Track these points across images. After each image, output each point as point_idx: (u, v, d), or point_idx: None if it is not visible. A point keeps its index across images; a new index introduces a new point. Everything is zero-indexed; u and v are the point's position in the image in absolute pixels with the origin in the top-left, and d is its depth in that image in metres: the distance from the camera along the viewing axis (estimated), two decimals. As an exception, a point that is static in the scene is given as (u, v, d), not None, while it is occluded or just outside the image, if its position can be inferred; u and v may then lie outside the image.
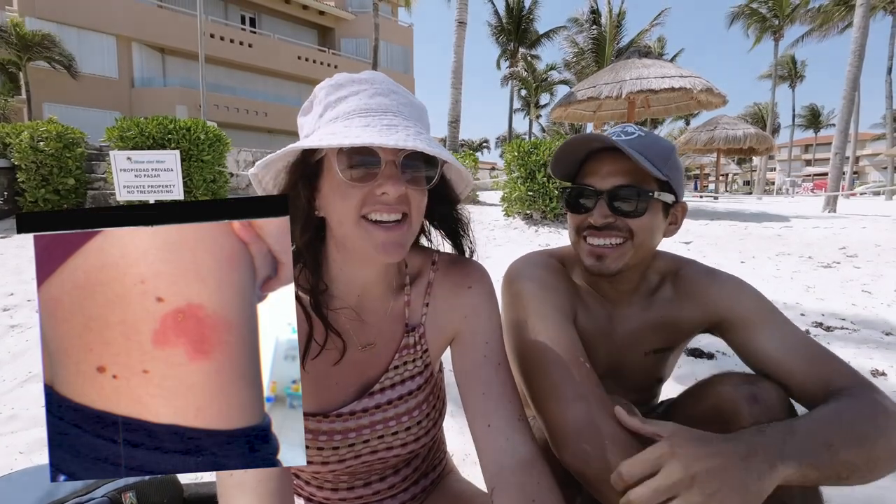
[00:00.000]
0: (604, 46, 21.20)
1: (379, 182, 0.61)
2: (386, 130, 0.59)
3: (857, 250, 5.52)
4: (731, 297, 0.89)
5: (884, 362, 2.27)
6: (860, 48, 10.35)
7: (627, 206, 0.83)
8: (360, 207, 0.62)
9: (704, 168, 27.03)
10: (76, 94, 18.07)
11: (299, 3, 24.63)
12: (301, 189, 0.66)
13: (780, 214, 9.89)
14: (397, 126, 0.61)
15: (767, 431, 0.63)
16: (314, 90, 0.68)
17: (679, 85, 9.25)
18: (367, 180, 0.61)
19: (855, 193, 19.31)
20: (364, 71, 0.69)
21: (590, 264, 0.86)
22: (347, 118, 0.62)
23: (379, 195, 0.62)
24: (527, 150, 7.57)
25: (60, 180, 7.99)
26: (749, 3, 28.94)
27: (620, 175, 0.83)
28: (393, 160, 0.62)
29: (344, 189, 0.62)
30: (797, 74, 39.92)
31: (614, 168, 0.83)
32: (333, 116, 0.63)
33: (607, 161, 0.85)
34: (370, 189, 0.62)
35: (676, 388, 1.69)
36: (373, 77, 0.67)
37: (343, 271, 0.71)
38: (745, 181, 45.22)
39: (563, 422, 0.73)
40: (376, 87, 0.65)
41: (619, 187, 0.83)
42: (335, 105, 0.64)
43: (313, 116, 0.67)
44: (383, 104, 0.64)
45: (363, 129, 0.59)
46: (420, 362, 0.78)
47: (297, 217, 0.67)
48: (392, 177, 0.61)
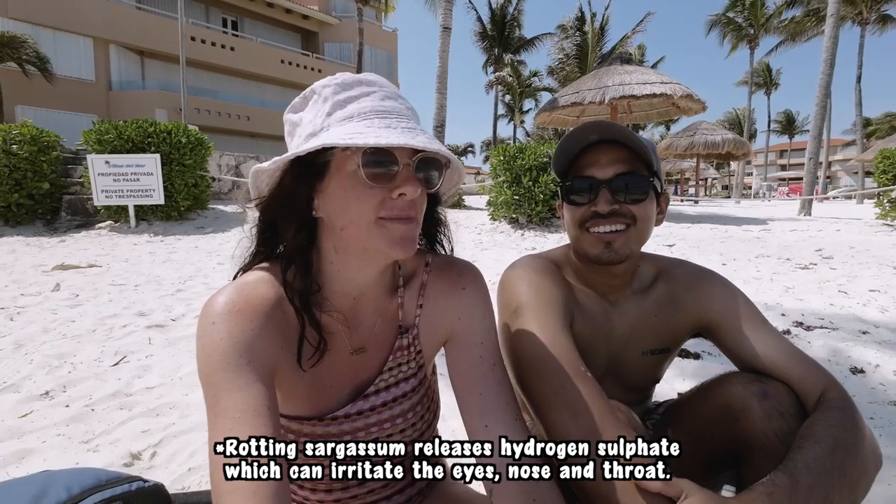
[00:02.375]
0: (587, 53, 21.56)
1: (397, 184, 0.61)
2: (409, 133, 0.59)
3: (833, 252, 5.68)
4: (722, 298, 0.91)
5: (862, 360, 2.34)
6: (831, 57, 10.73)
7: (630, 192, 0.85)
8: (377, 209, 0.61)
9: (685, 173, 27.61)
10: (51, 97, 17.57)
11: (282, 7, 24.46)
12: (300, 188, 0.64)
13: (759, 218, 10.14)
14: (414, 129, 0.61)
15: (775, 494, 0.63)
16: (314, 87, 0.67)
17: (660, 91, 9.46)
18: (384, 181, 0.61)
19: (829, 197, 19.93)
20: (365, 73, 0.68)
21: (598, 253, 0.87)
22: (365, 118, 0.61)
23: (395, 197, 0.61)
24: (512, 154, 7.63)
25: (35, 185, 7.75)
26: (725, 13, 29.80)
27: (621, 163, 0.86)
28: (409, 163, 0.61)
29: (361, 190, 0.61)
30: (772, 82, 41.15)
31: (613, 157, 0.86)
32: (346, 116, 0.62)
33: (604, 152, 0.87)
34: (388, 190, 0.61)
35: (664, 388, 1.72)
36: (379, 80, 0.67)
37: (340, 273, 0.70)
38: (723, 185, 46.31)
39: (563, 434, 0.73)
40: (385, 91, 0.65)
41: (621, 174, 0.85)
42: (345, 104, 0.63)
43: (319, 114, 0.64)
44: (395, 107, 0.64)
45: (386, 129, 0.59)
46: (414, 364, 0.78)
47: (293, 218, 0.65)
48: (409, 179, 0.61)
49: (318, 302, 0.70)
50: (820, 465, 0.66)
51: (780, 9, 26.40)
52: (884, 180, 8.07)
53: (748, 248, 6.04)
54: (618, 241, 0.86)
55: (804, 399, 0.78)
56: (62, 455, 1.55)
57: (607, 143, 0.87)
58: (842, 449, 0.68)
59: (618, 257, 0.86)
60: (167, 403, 1.92)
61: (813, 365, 0.81)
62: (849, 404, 0.75)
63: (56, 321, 2.99)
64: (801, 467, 0.66)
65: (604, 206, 0.85)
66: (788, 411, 0.75)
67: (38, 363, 2.29)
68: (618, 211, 0.85)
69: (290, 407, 0.73)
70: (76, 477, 0.76)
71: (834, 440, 0.69)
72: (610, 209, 0.85)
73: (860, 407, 1.84)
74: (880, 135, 38.43)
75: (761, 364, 0.83)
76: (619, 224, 0.86)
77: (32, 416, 1.81)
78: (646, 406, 1.09)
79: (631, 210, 0.86)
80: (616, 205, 0.85)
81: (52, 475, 0.76)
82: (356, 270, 0.70)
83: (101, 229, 7.69)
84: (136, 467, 1.50)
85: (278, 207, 0.66)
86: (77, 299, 3.57)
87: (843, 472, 0.67)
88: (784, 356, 0.82)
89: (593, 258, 0.88)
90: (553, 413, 0.75)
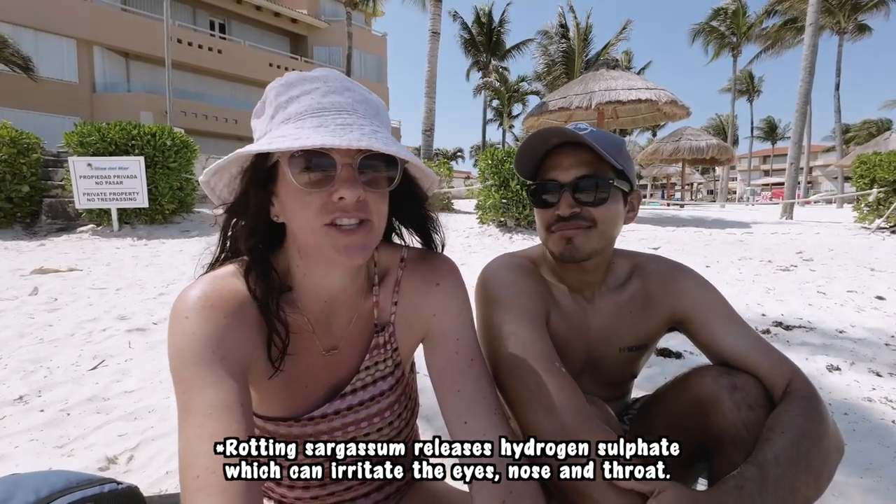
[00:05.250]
0: (573, 59, 21.82)
1: (336, 186, 0.57)
2: (340, 130, 0.56)
3: (813, 254, 5.81)
4: (695, 292, 0.93)
5: (838, 358, 2.39)
6: (810, 65, 10.99)
7: (590, 196, 0.86)
8: (320, 214, 0.58)
9: (671, 178, 28.01)
10: (32, 99, 17.24)
11: (271, 11, 24.35)
12: (252, 196, 0.63)
13: (742, 221, 10.32)
14: (352, 125, 0.57)
15: (746, 487, 0.65)
16: (265, 90, 0.65)
17: (646, 97, 9.60)
18: (323, 185, 0.58)
19: (810, 202, 20.35)
20: (316, 69, 0.65)
21: (560, 250, 0.88)
22: (299, 119, 0.59)
23: (336, 200, 0.58)
24: (500, 158, 7.68)
25: (14, 187, 7.59)
26: (709, 22, 30.42)
27: (581, 166, 0.86)
28: (349, 162, 0.58)
29: (301, 196, 0.58)
30: (755, 89, 42.04)
31: (574, 160, 0.87)
32: (285, 118, 0.60)
33: (567, 155, 0.88)
34: (328, 194, 0.58)
35: (646, 387, 1.74)
36: (326, 75, 0.63)
37: (307, 277, 0.68)
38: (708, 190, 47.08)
39: (538, 432, 0.73)
40: (329, 85, 0.61)
41: (581, 178, 0.86)
42: (286, 105, 0.61)
43: (265, 119, 0.63)
44: (337, 102, 0.60)
45: (315, 130, 0.56)
46: (391, 362, 0.77)
47: (249, 223, 0.65)
48: (348, 180, 0.57)
49: (290, 300, 0.69)
50: (787, 455, 0.68)
51: (761, 18, 27.04)
52: (861, 184, 8.28)
53: (731, 251, 6.14)
54: (577, 238, 0.87)
55: (772, 390, 0.80)
56: (35, 460, 1.51)
57: (570, 146, 0.88)
58: (807, 439, 0.70)
59: (579, 255, 0.87)
60: (146, 407, 1.89)
61: (779, 357, 0.83)
62: (813, 394, 0.76)
63: (33, 325, 2.92)
64: (770, 459, 0.67)
65: (564, 210, 0.86)
66: (757, 402, 0.77)
67: (13, 368, 2.23)
68: (579, 214, 0.86)
69: (266, 407, 0.72)
70: (45, 479, 0.74)
71: (800, 431, 0.70)
72: (570, 212, 0.86)
73: (836, 404, 1.89)
74: (859, 141, 39.47)
75: (731, 357, 0.84)
76: (580, 227, 0.87)
77: (5, 422, 1.76)
78: (624, 402, 1.10)
79: (591, 212, 0.86)
80: (577, 207, 0.86)
81: (19, 478, 0.74)
82: (322, 274, 0.68)
83: (82, 233, 7.54)
84: (111, 471, 1.47)
85: (236, 212, 0.66)
86: (56, 303, 3.50)
87: (808, 463, 0.68)
88: (752, 349, 0.83)
89: (557, 256, 0.90)
90: (528, 411, 0.76)
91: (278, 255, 0.70)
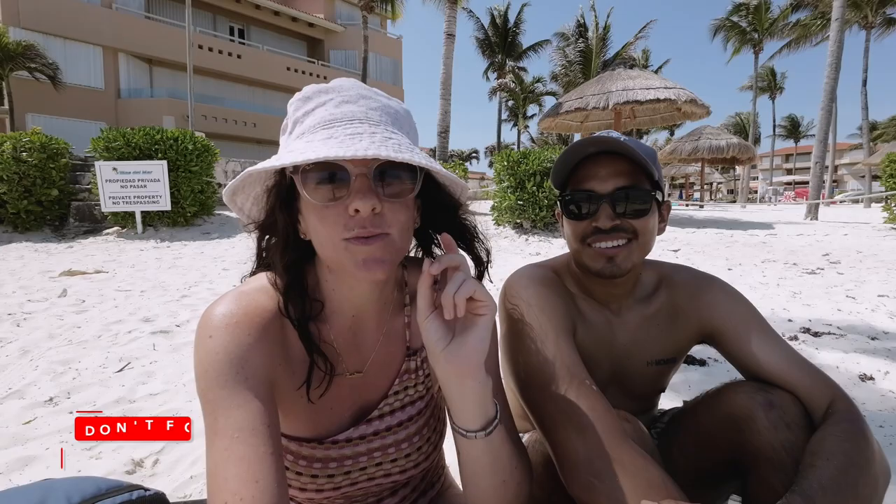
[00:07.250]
0: (590, 59, 21.61)
1: (350, 199, 0.55)
2: (349, 140, 0.53)
3: (840, 257, 5.63)
4: (725, 304, 0.89)
5: (871, 366, 2.31)
6: (836, 61, 10.68)
7: (632, 207, 0.83)
8: (340, 229, 0.56)
9: (689, 178, 27.52)
10: (61, 105, 17.83)
11: (288, 16, 24.74)
12: (278, 213, 0.62)
13: (765, 222, 10.07)
14: (362, 134, 0.55)
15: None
16: (287, 105, 0.63)
17: (664, 96, 9.43)
18: (338, 198, 0.55)
19: (835, 202, 19.77)
20: (335, 79, 0.63)
21: (600, 268, 0.85)
22: (311, 132, 0.57)
23: (352, 213, 0.55)
24: (516, 159, 7.64)
25: (44, 191, 7.86)
26: (729, 17, 29.78)
27: (620, 177, 0.83)
28: (363, 172, 0.55)
29: (318, 211, 0.56)
30: (777, 86, 40.99)
31: (612, 170, 0.83)
32: (301, 132, 0.59)
33: (603, 164, 0.84)
34: (344, 207, 0.55)
35: (670, 396, 1.70)
36: (341, 84, 0.61)
37: (336, 292, 0.67)
38: (728, 190, 46.09)
39: (571, 452, 0.70)
40: (344, 95, 0.59)
41: (621, 188, 0.83)
42: (303, 120, 0.59)
43: (286, 135, 0.62)
44: (349, 112, 0.57)
45: (324, 142, 0.54)
46: (422, 387, 0.74)
47: (278, 241, 0.64)
48: (361, 191, 0.54)
49: (321, 317, 0.67)
50: (834, 485, 0.64)
51: (785, 12, 26.35)
52: (891, 184, 8.00)
53: (754, 253, 5.99)
54: (620, 256, 0.84)
55: (811, 410, 0.76)
56: (65, 462, 1.55)
57: (606, 155, 0.84)
58: (854, 467, 0.66)
59: (620, 271, 0.84)
60: (170, 410, 1.92)
61: (820, 375, 0.79)
62: (858, 417, 0.73)
63: (62, 327, 3.01)
64: (816, 488, 0.64)
65: (605, 222, 0.82)
66: (795, 422, 0.73)
67: (43, 369, 2.30)
68: (619, 226, 0.83)
69: (289, 426, 0.70)
70: (76, 486, 0.75)
71: (846, 457, 0.67)
72: (611, 224, 0.82)
73: (870, 415, 1.82)
74: (886, 138, 38.14)
75: (767, 373, 0.81)
76: (621, 239, 0.84)
77: (36, 423, 1.82)
78: (651, 414, 1.08)
79: (632, 224, 0.83)
80: (617, 220, 0.83)
81: (51, 484, 0.75)
82: (349, 289, 0.67)
83: (108, 235, 7.76)
84: (137, 475, 1.50)
85: (267, 230, 0.65)
86: (83, 305, 3.60)
87: (855, 491, 0.65)
88: (790, 365, 0.80)
89: (595, 272, 0.86)
90: (560, 431, 0.73)
91: (310, 268, 0.69)
